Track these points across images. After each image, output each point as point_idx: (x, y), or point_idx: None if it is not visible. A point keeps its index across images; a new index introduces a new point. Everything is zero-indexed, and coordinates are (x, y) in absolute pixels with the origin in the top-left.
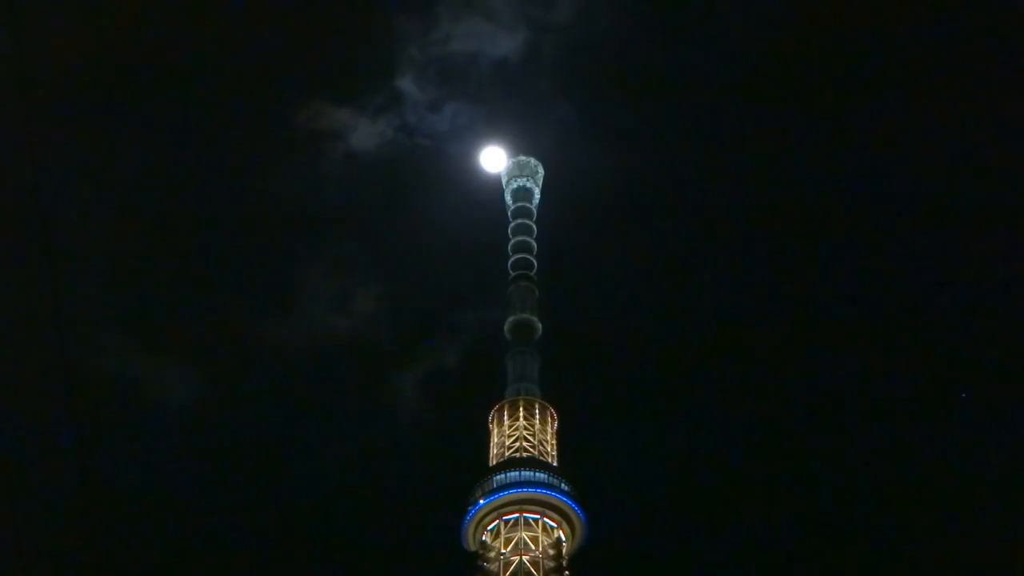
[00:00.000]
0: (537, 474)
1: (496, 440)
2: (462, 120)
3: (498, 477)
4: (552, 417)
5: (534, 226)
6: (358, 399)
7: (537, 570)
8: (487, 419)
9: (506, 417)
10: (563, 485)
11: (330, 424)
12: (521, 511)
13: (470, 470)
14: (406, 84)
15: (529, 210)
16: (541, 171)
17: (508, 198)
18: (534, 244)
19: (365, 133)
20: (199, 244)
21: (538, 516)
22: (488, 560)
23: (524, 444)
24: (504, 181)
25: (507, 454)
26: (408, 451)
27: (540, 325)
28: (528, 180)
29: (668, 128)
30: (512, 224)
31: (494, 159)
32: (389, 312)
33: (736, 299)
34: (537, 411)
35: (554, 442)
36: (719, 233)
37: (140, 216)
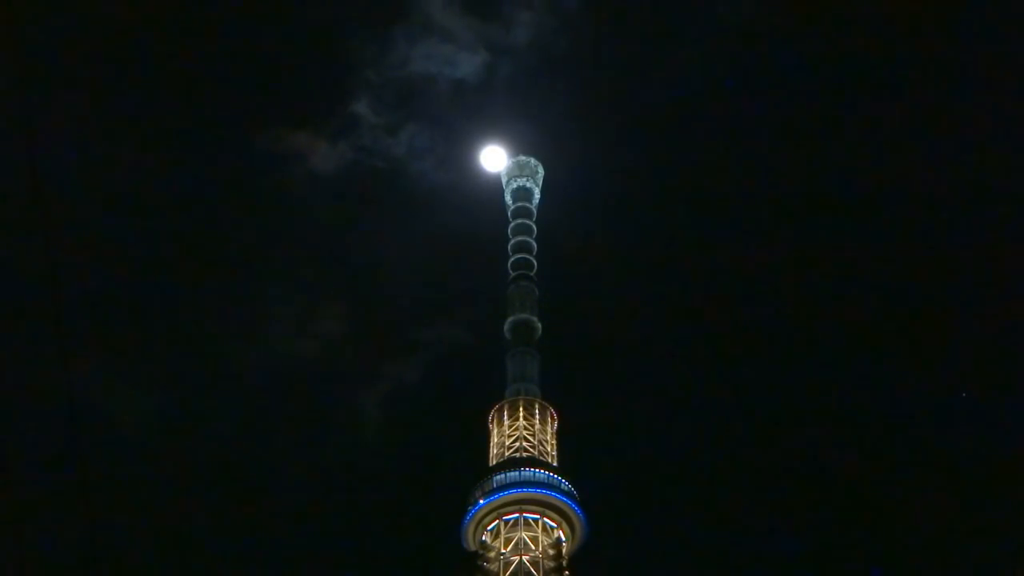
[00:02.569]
0: (537, 474)
1: (496, 440)
2: (457, 123)
3: (498, 477)
4: (552, 417)
5: (534, 226)
6: (349, 405)
7: (537, 570)
8: (486, 419)
9: (506, 417)
10: (563, 485)
11: (325, 428)
12: (521, 511)
13: (470, 470)
14: (364, 106)
15: (529, 210)
16: (541, 171)
17: (508, 198)
18: (534, 244)
19: (330, 154)
20: (162, 267)
21: (538, 516)
22: (488, 560)
23: (524, 444)
24: (504, 181)
25: (507, 454)
26: (405, 454)
27: (540, 325)
28: (528, 180)
29: (667, 128)
30: (512, 224)
31: (494, 159)
32: (366, 323)
33: (737, 298)
34: (537, 411)
35: (554, 442)
36: (719, 233)
37: (102, 239)
